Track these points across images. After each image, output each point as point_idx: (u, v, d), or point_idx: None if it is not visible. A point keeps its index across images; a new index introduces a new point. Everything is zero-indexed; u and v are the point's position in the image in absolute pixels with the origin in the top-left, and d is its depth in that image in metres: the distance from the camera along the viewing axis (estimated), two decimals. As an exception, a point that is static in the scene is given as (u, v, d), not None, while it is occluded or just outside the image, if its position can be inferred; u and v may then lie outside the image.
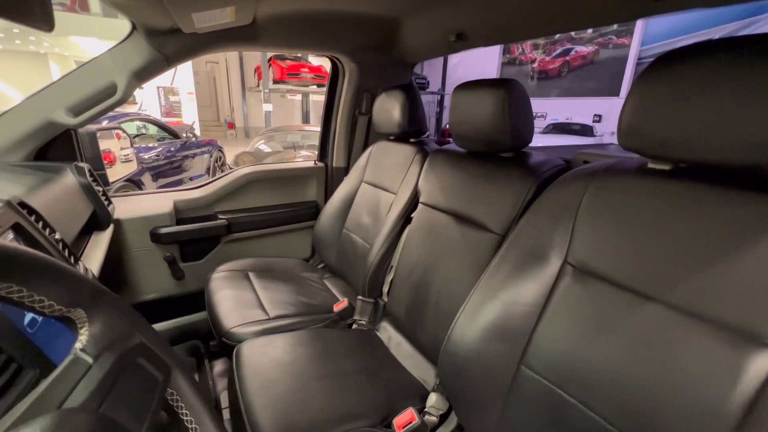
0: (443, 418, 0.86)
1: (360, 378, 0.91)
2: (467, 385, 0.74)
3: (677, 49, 0.54)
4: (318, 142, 1.78)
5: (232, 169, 1.62)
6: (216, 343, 1.09)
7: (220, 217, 1.50)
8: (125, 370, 0.32)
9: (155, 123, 4.55)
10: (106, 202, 1.11)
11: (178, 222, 1.40)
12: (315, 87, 8.48)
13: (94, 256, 0.93)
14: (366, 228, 1.35)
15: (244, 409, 0.78)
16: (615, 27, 9.28)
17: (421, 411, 0.85)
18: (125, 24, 1.02)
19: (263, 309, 1.16)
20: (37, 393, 0.27)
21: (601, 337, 0.59)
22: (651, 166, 0.62)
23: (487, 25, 1.14)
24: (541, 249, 0.70)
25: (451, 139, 1.08)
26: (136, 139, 4.04)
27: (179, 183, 4.27)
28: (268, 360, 0.90)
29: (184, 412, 0.38)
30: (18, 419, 0.25)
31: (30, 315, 0.48)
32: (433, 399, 0.87)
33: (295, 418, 0.76)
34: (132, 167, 3.21)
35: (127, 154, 3.08)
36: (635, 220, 0.59)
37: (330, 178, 1.73)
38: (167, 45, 1.07)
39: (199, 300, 1.27)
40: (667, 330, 0.52)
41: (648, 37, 8.48)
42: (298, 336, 1.01)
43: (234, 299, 1.18)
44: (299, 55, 8.08)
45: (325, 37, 1.34)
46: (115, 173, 2.81)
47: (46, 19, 0.57)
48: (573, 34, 10.05)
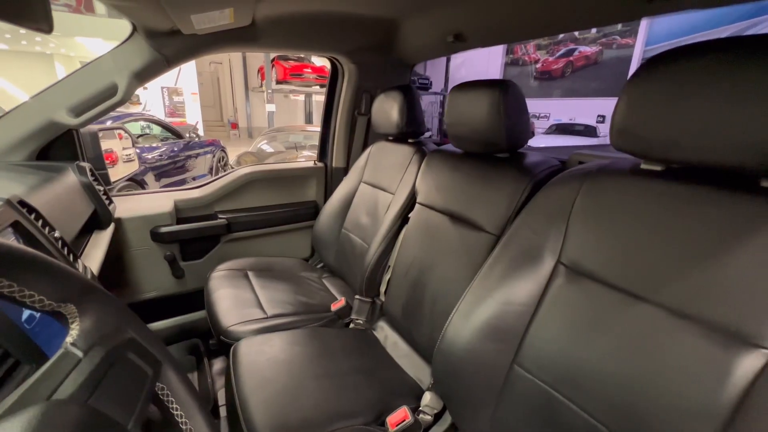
0: (437, 417, 0.87)
1: (355, 377, 0.91)
2: (461, 384, 0.74)
3: (668, 50, 0.54)
4: (318, 143, 1.79)
5: (234, 169, 1.63)
6: (215, 342, 1.10)
7: (220, 216, 1.51)
8: (114, 364, 0.33)
9: (159, 123, 4.59)
10: (107, 202, 1.12)
11: (179, 221, 1.41)
12: (318, 87, 8.51)
13: (95, 255, 0.94)
14: (364, 228, 1.36)
15: (240, 407, 0.78)
16: (619, 27, 9.23)
17: (416, 410, 0.86)
18: (128, 25, 1.04)
19: (261, 308, 1.16)
20: (27, 385, 0.28)
21: (593, 337, 0.59)
22: (643, 166, 0.62)
23: (484, 26, 1.14)
24: (535, 249, 0.70)
25: None
26: (140, 139, 4.07)
27: (182, 183, 4.30)
28: (265, 358, 0.91)
29: (175, 406, 0.39)
30: (7, 410, 0.26)
31: (28, 311, 0.49)
32: (427, 398, 0.87)
33: (290, 416, 0.76)
34: (134, 167, 3.24)
35: (129, 154, 3.12)
36: (627, 221, 0.59)
37: (329, 178, 1.74)
38: (167, 46, 1.08)
39: (199, 299, 1.28)
40: (657, 330, 0.52)
41: (652, 38, 8.43)
42: (294, 335, 1.02)
43: (233, 298, 1.19)
44: (302, 55, 8.11)
45: (324, 38, 1.35)
46: (117, 173, 2.84)
47: (45, 20, 0.59)
48: (577, 34, 10.01)
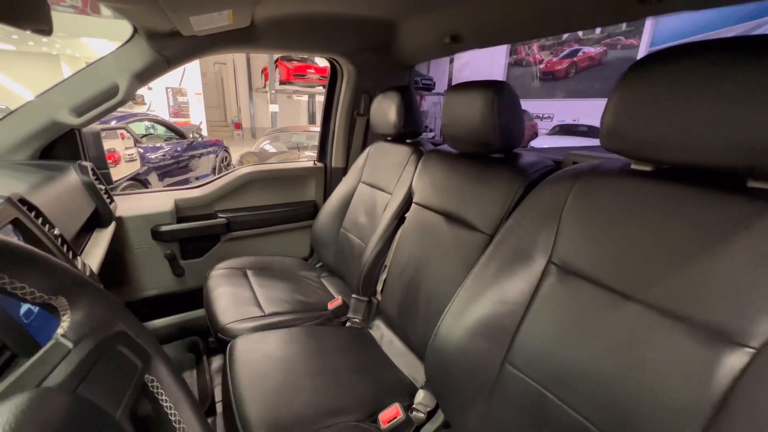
0: (431, 415, 0.87)
1: (350, 374, 0.92)
2: (453, 382, 0.75)
3: (656, 51, 0.54)
4: (317, 143, 1.80)
5: (234, 168, 1.64)
6: (213, 340, 1.11)
7: (220, 215, 1.52)
8: (103, 356, 0.34)
9: (162, 123, 4.63)
10: (109, 200, 1.14)
11: (179, 220, 1.43)
12: (321, 88, 8.55)
13: (95, 253, 0.96)
14: (362, 228, 1.37)
15: (235, 402, 0.79)
16: (623, 28, 9.18)
17: (409, 407, 0.87)
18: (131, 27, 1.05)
19: (259, 306, 1.18)
20: (18, 373, 0.29)
21: (582, 336, 0.59)
22: (633, 167, 0.62)
23: (480, 27, 1.15)
24: (527, 249, 0.71)
25: None
26: (144, 139, 4.11)
27: (185, 182, 4.33)
28: (261, 355, 0.92)
29: (164, 398, 0.40)
30: None
31: (26, 306, 0.51)
32: (420, 396, 0.88)
33: (284, 412, 0.77)
34: (135, 166, 3.29)
35: (132, 154, 3.16)
36: (617, 220, 0.60)
37: (329, 178, 1.75)
38: (168, 47, 1.10)
39: (199, 297, 1.29)
40: (644, 329, 0.53)
41: (657, 38, 8.38)
42: (291, 332, 1.03)
43: (231, 296, 1.20)
44: (303, 56, 8.14)
45: (323, 39, 1.36)
46: (120, 172, 2.88)
47: (46, 22, 0.60)
48: (581, 35, 9.98)
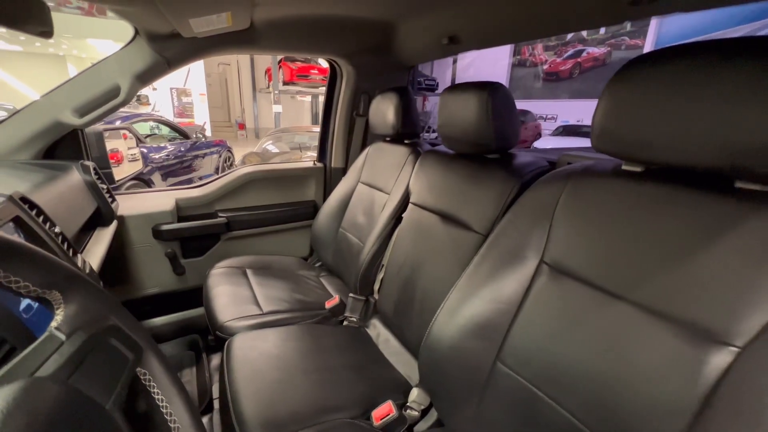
0: (424, 413, 0.88)
1: (345, 373, 0.93)
2: (445, 380, 0.76)
3: (646, 53, 0.55)
4: (317, 143, 1.82)
5: (234, 168, 1.66)
6: (213, 338, 1.13)
7: (220, 215, 1.54)
8: (95, 348, 0.35)
9: (167, 123, 4.67)
10: (110, 200, 1.15)
11: (180, 219, 1.45)
12: (324, 89, 8.55)
13: (96, 251, 0.98)
14: (361, 227, 1.38)
15: (231, 399, 0.81)
16: (628, 28, 9.14)
17: (403, 406, 0.87)
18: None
19: (257, 304, 1.19)
20: (12, 363, 0.30)
21: (572, 335, 0.60)
22: (624, 167, 0.63)
23: (477, 28, 1.16)
24: (520, 248, 0.71)
25: None
26: (148, 139, 4.15)
27: (189, 182, 4.36)
28: (258, 353, 0.93)
29: (156, 391, 0.42)
30: None
31: (25, 302, 0.52)
32: (414, 394, 0.88)
33: (279, 409, 0.78)
34: (138, 166, 3.33)
35: (134, 154, 3.20)
36: (608, 221, 0.60)
37: (328, 179, 1.77)
38: (168, 49, 1.11)
39: (199, 295, 1.31)
40: (632, 328, 0.53)
41: (662, 38, 8.34)
42: (288, 331, 1.04)
43: (230, 294, 1.21)
44: (306, 57, 8.16)
45: (323, 40, 1.37)
46: (123, 171, 2.92)
47: (46, 25, 0.62)
48: (585, 35, 9.94)
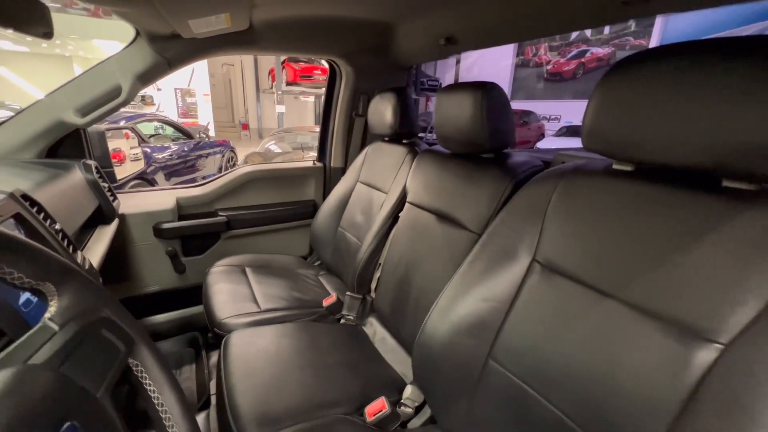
0: (418, 410, 0.89)
1: (341, 370, 0.94)
2: (438, 377, 0.76)
3: (636, 53, 0.55)
4: (317, 143, 1.83)
5: (235, 167, 1.68)
6: (212, 335, 1.14)
7: (221, 214, 1.56)
8: (87, 338, 0.36)
9: (171, 124, 4.71)
10: (112, 198, 1.17)
11: (180, 218, 1.46)
12: (327, 89, 8.59)
13: (97, 248, 0.99)
14: (359, 226, 1.39)
15: (227, 394, 0.82)
16: (633, 28, 9.10)
17: (398, 402, 0.88)
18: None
19: (255, 302, 1.20)
20: (5, 352, 0.32)
21: (562, 333, 0.60)
22: (615, 167, 0.63)
23: (474, 29, 1.16)
24: (513, 247, 0.72)
25: None
26: (152, 139, 4.19)
27: (192, 182, 4.40)
28: (255, 349, 0.94)
29: (148, 382, 0.43)
30: None
31: (25, 296, 0.54)
32: (408, 391, 0.89)
33: (274, 404, 0.80)
34: (140, 165, 3.38)
35: (136, 153, 3.24)
36: (598, 219, 0.61)
37: (328, 178, 1.78)
38: (169, 49, 1.13)
39: (199, 293, 1.32)
40: (622, 326, 0.54)
41: (666, 38, 8.29)
42: (285, 328, 1.05)
43: (229, 292, 1.23)
44: (307, 57, 8.19)
45: (322, 41, 1.39)
46: (125, 170, 2.96)
47: (46, 26, 0.63)
48: (589, 35, 9.90)
